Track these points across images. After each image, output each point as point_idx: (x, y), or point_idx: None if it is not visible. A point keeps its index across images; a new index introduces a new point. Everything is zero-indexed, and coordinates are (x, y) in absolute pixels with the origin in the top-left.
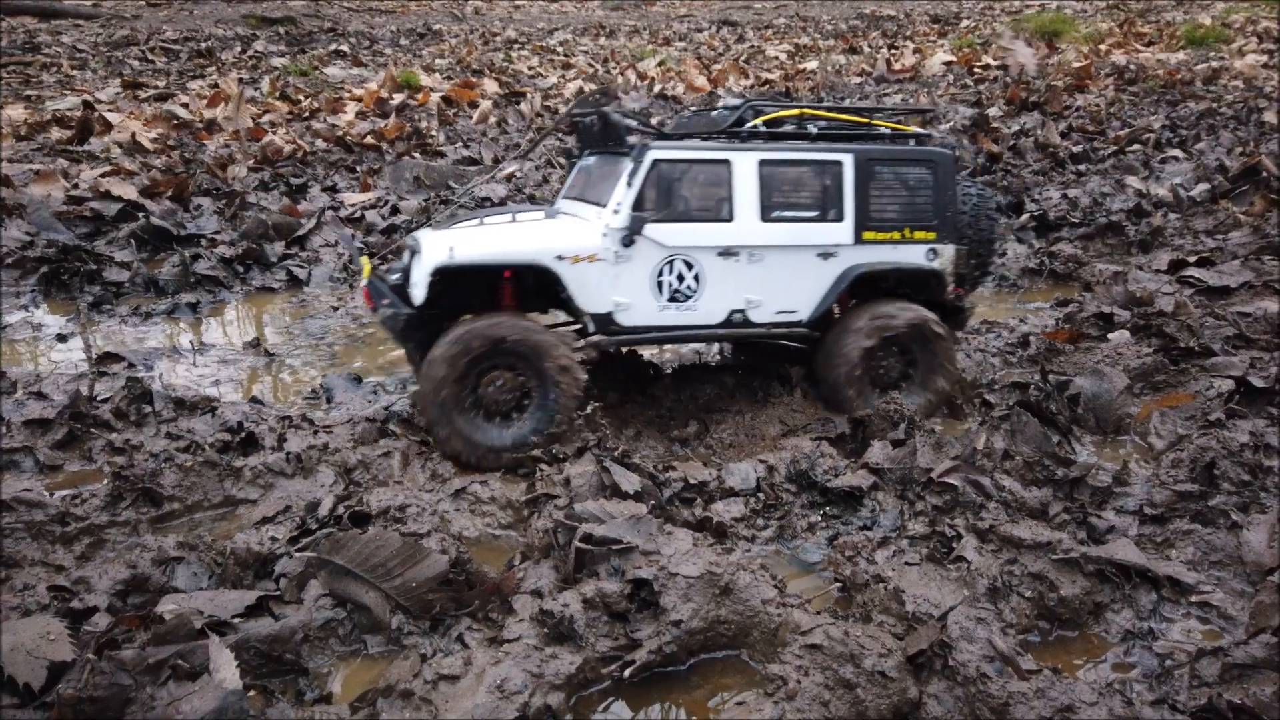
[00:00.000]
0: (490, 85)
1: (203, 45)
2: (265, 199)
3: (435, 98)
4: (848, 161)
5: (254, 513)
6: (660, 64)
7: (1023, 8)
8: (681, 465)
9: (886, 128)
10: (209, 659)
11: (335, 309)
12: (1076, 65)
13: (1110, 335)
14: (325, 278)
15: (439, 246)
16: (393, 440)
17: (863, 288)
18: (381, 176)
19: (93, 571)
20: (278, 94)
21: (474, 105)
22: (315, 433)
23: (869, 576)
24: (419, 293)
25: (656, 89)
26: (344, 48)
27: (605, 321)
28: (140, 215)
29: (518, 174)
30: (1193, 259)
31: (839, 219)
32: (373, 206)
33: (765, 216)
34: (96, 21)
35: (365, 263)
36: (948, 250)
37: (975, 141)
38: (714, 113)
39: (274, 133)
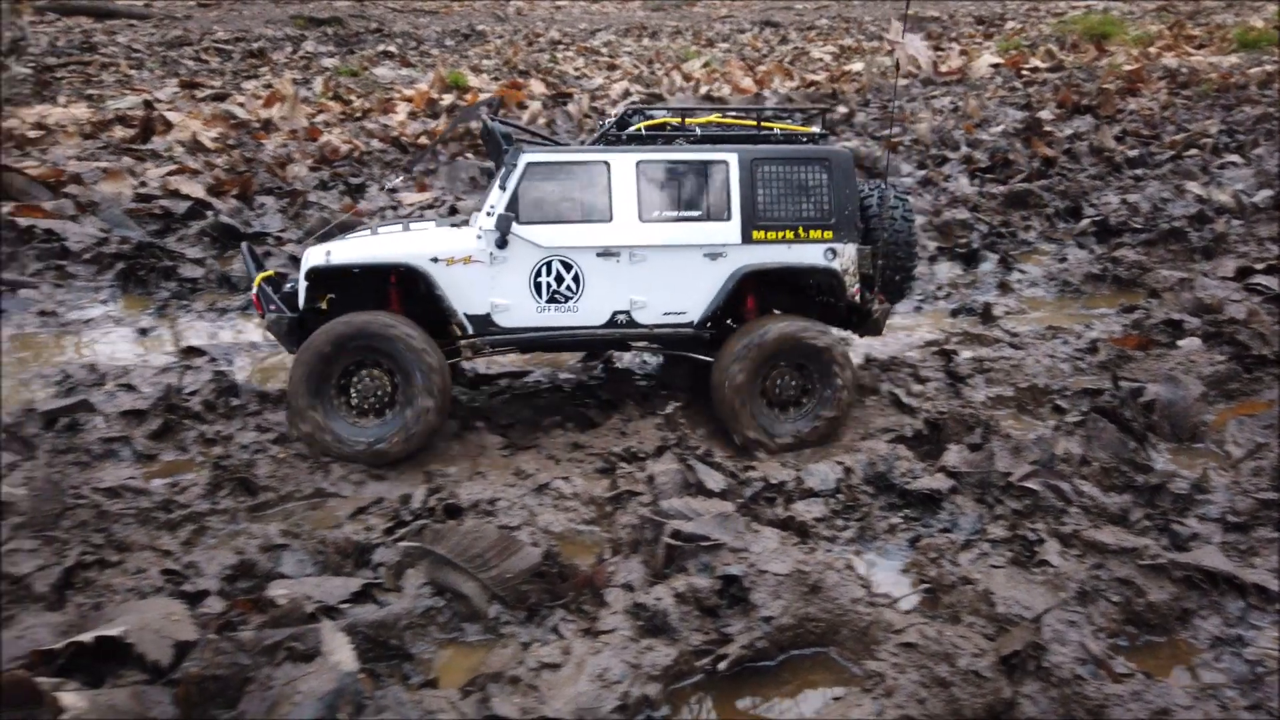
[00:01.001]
0: (537, 86)
1: (254, 46)
2: (325, 198)
3: (483, 99)
4: (733, 161)
5: (346, 505)
6: (705, 65)
7: (1068, 9)
8: (760, 465)
9: (779, 129)
10: (321, 642)
11: None
12: (1127, 68)
13: (1180, 342)
14: None
15: (317, 252)
16: (475, 434)
17: (768, 290)
18: (437, 176)
19: (200, 556)
20: (330, 94)
21: (522, 106)
22: None
23: (956, 578)
24: (299, 298)
25: (703, 90)
26: (392, 48)
27: (483, 323)
28: (208, 213)
29: None
30: (1260, 266)
31: (725, 219)
32: (430, 206)
33: (645, 217)
34: (149, 22)
35: (259, 276)
36: (848, 250)
37: (1029, 145)
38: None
39: (329, 133)
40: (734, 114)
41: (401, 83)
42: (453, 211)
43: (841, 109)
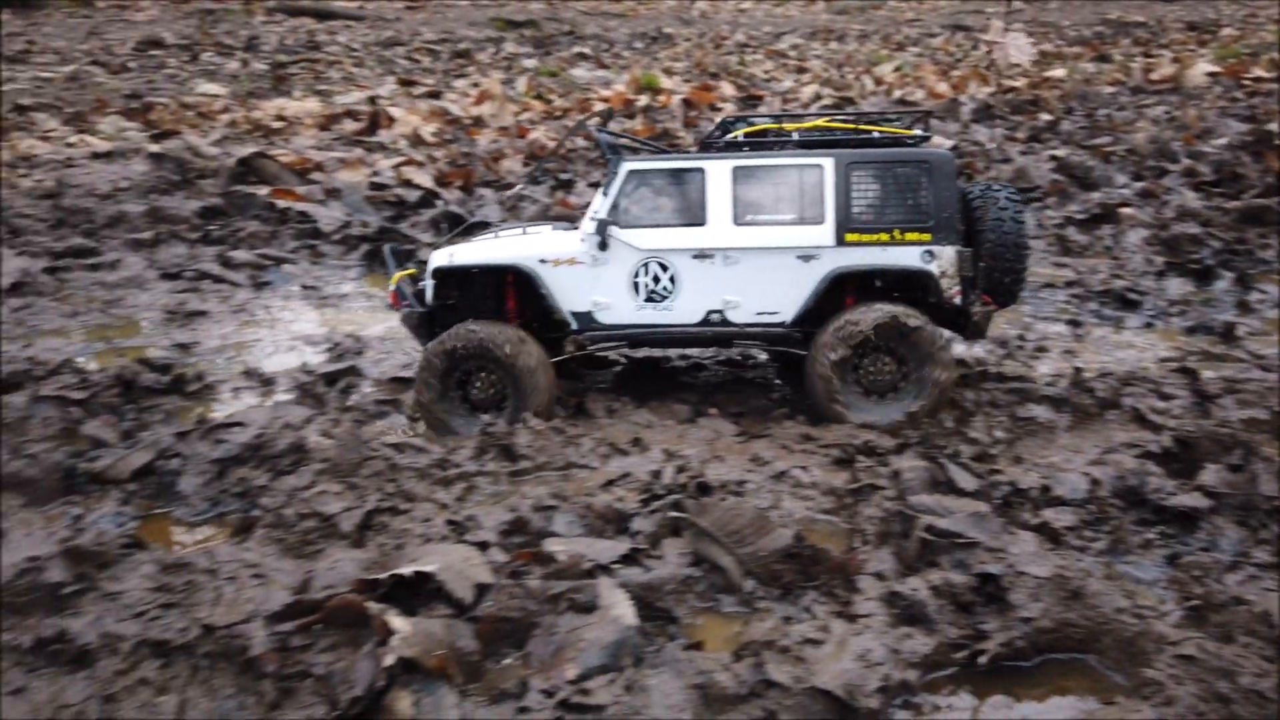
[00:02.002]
0: (727, 88)
1: (459, 46)
2: (536, 192)
3: (676, 100)
4: (828, 165)
5: (595, 476)
6: (897, 69)
7: None
8: (1006, 469)
9: (878, 132)
10: (599, 596)
11: None
12: None
13: None
14: None
15: (443, 254)
16: (709, 420)
17: (870, 291)
18: None
19: (478, 511)
20: (533, 94)
21: (713, 108)
22: (636, 409)
23: (1226, 598)
24: (427, 294)
25: (895, 95)
26: (585, 50)
27: (586, 320)
28: (437, 202)
29: None
30: None
31: (819, 221)
32: None
33: (739, 220)
34: (364, 23)
35: (396, 274)
36: (947, 252)
37: (1260, 159)
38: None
39: (535, 130)
40: (840, 119)
41: (597, 83)
42: None
43: (1045, 116)
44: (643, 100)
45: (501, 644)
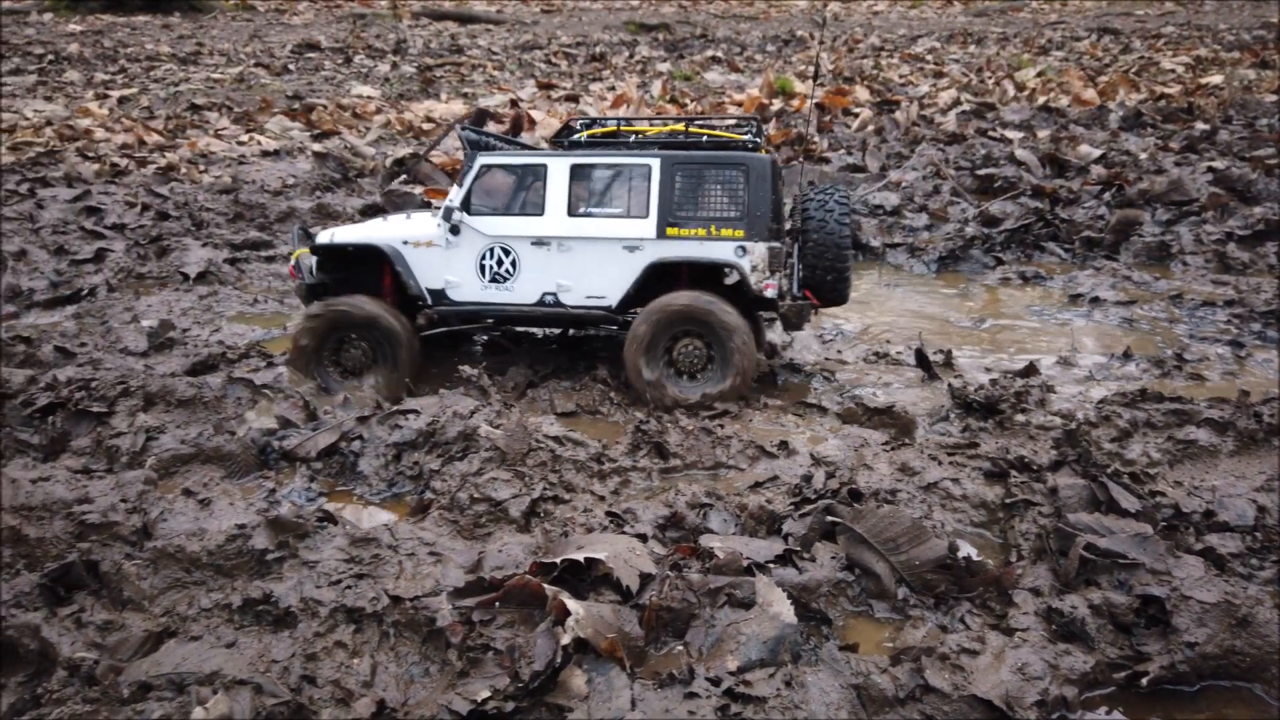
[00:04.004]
0: (862, 93)
1: (595, 50)
2: None
3: (810, 104)
4: (655, 165)
5: (742, 477)
6: (1040, 74)
7: None
8: (1170, 492)
9: (707, 136)
10: (757, 593)
11: None
12: None
13: None
14: None
15: (325, 234)
16: (859, 430)
17: (696, 282)
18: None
19: (635, 504)
20: (667, 97)
21: (847, 112)
22: (781, 413)
23: None
24: (313, 270)
25: (1039, 101)
26: (718, 54)
27: (439, 297)
28: None
29: (904, 183)
30: None
31: (643, 216)
32: None
33: (573, 212)
34: (503, 26)
35: (297, 251)
36: (759, 248)
37: None
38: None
39: None
40: (681, 123)
41: (731, 87)
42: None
43: (1200, 125)
44: (776, 104)
45: (662, 632)
